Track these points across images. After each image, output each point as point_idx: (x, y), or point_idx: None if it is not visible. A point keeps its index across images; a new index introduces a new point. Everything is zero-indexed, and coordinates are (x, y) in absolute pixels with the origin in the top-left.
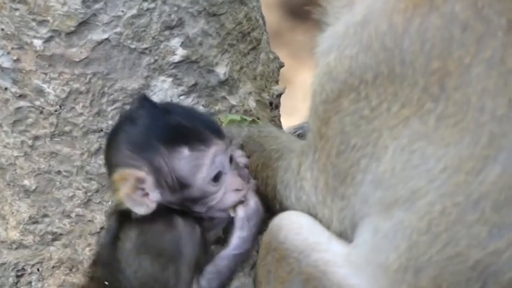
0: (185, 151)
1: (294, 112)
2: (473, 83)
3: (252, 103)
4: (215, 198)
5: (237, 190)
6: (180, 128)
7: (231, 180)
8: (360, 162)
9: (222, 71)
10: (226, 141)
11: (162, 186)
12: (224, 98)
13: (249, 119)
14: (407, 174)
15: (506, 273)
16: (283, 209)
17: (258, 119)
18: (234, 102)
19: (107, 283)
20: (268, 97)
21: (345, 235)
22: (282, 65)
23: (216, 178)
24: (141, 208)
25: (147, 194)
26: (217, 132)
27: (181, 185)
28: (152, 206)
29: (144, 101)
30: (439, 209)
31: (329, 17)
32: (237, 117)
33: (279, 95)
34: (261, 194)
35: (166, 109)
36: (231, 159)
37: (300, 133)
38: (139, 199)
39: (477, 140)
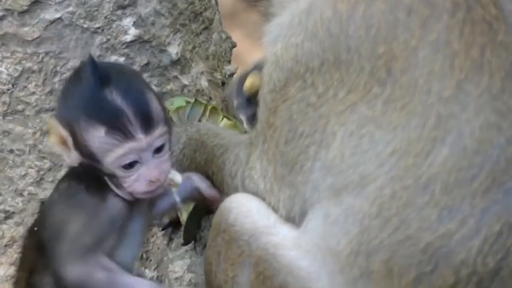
0: (101, 131)
1: None
2: (419, 66)
3: (204, 83)
4: (125, 182)
5: (151, 182)
6: (108, 107)
7: (147, 171)
8: (308, 149)
9: (174, 50)
10: (155, 134)
11: (80, 150)
12: (176, 77)
13: (192, 100)
14: (357, 159)
15: (457, 254)
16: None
17: (211, 99)
18: (186, 82)
19: (35, 229)
20: (220, 77)
21: (293, 223)
22: (234, 45)
23: (128, 166)
24: (66, 158)
25: (69, 150)
26: (146, 127)
27: (93, 157)
28: (72, 161)
29: (91, 64)
30: (389, 192)
31: (275, 7)
32: (182, 102)
33: (231, 75)
34: None
35: (110, 80)
36: (159, 149)
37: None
38: (63, 151)
39: (425, 122)
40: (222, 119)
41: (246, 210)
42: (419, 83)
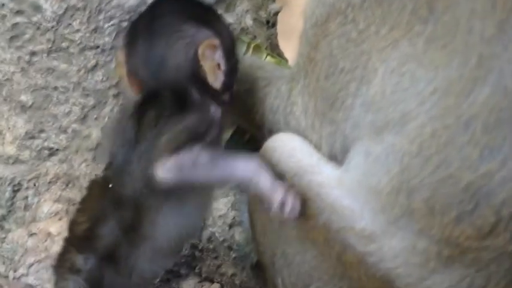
0: None
1: (290, 32)
2: (461, 5)
3: (249, 21)
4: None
5: None
6: None
7: None
8: (349, 85)
9: None
10: None
11: None
12: (221, 15)
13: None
14: (398, 97)
15: (498, 194)
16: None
17: (255, 37)
18: (231, 20)
19: (110, 185)
20: (265, 15)
21: (335, 159)
22: None
23: None
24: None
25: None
26: None
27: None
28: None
29: None
30: (430, 131)
31: None
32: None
33: (276, 13)
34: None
35: None
36: None
37: None
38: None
39: (466, 61)
40: (266, 56)
41: (289, 149)
42: (461, 22)
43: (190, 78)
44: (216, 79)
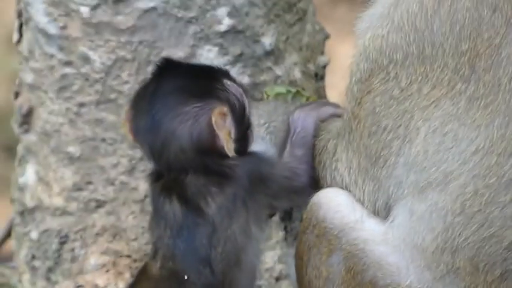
0: None
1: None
2: (503, 64)
3: (297, 74)
4: None
5: None
6: None
7: None
8: (391, 144)
9: (267, 41)
10: None
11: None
12: (270, 68)
13: (294, 90)
14: (440, 156)
15: None
16: (319, 188)
17: (303, 89)
18: (279, 73)
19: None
20: (313, 68)
21: (378, 216)
22: (327, 36)
23: None
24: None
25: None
26: None
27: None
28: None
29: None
30: (472, 190)
31: None
32: (283, 89)
33: (324, 66)
34: None
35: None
36: None
37: None
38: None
39: (508, 121)
40: None
41: (334, 205)
42: (502, 81)
43: (207, 150)
44: (229, 147)
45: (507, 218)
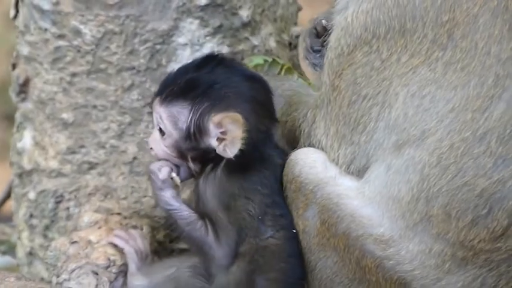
0: None
1: None
2: (480, 30)
3: (272, 43)
4: None
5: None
6: None
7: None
8: (371, 110)
9: (245, 13)
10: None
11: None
12: (247, 38)
13: (270, 59)
14: (419, 117)
15: (510, 199)
16: None
17: (279, 57)
18: (256, 43)
19: None
20: (287, 38)
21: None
22: (300, 9)
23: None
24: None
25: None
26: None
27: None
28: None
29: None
30: (448, 144)
31: None
32: (260, 60)
33: (297, 36)
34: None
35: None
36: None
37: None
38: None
39: (483, 81)
40: (297, 78)
41: (310, 161)
42: (479, 46)
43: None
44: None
45: (480, 167)
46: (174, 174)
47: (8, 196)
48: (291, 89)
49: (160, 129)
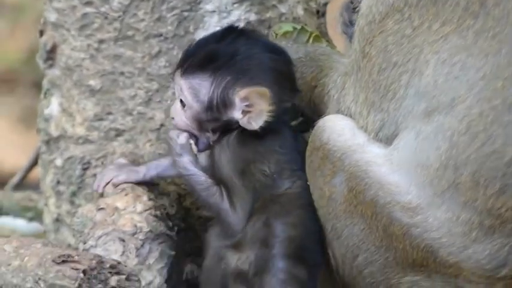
0: None
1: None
2: None
3: (300, 11)
4: None
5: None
6: None
7: None
8: (401, 78)
9: None
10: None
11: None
12: (274, 6)
13: (299, 27)
14: (449, 84)
15: None
16: None
17: (306, 25)
18: (283, 10)
19: None
20: (315, 6)
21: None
22: None
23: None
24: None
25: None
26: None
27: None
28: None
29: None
30: (478, 112)
31: None
32: (289, 27)
33: (325, 4)
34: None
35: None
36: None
37: None
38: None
39: None
40: (326, 46)
41: (338, 129)
42: (511, 14)
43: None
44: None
45: (509, 136)
46: (192, 142)
47: (35, 163)
48: (325, 53)
49: (181, 101)
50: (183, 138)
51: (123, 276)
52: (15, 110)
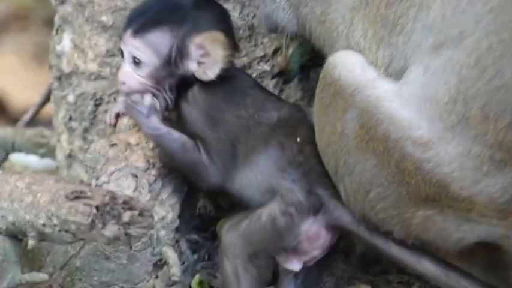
0: None
1: None
2: None
3: None
4: None
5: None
6: None
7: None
8: (409, 11)
9: None
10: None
11: None
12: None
13: None
14: (456, 18)
15: None
16: None
17: None
18: None
19: None
20: None
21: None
22: None
23: None
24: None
25: None
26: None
27: None
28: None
29: None
30: (486, 45)
31: None
32: None
33: None
34: None
35: None
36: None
37: None
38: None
39: None
40: None
41: (349, 65)
42: None
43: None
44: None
45: None
46: (156, 100)
47: (47, 99)
48: None
49: (134, 62)
50: (148, 98)
51: (136, 212)
52: (28, 47)
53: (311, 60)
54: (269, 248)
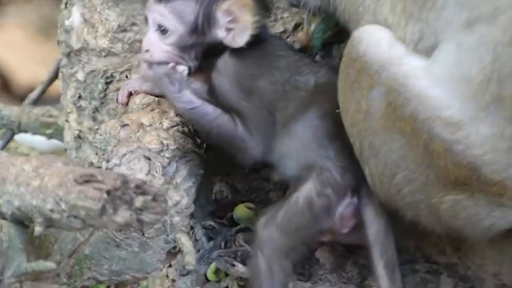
0: None
1: None
2: None
3: None
4: None
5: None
6: None
7: None
8: None
9: None
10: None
11: None
12: None
13: None
14: None
15: None
16: None
17: None
18: None
19: None
20: None
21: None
22: None
23: None
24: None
25: None
26: None
27: None
28: None
29: None
30: None
31: None
32: None
33: None
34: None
35: None
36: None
37: None
38: None
39: None
40: None
41: (375, 40)
42: None
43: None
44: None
45: None
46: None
47: (55, 76)
48: None
49: (160, 29)
50: (182, 68)
51: (149, 197)
52: (33, 20)
53: (334, 36)
54: (306, 234)
